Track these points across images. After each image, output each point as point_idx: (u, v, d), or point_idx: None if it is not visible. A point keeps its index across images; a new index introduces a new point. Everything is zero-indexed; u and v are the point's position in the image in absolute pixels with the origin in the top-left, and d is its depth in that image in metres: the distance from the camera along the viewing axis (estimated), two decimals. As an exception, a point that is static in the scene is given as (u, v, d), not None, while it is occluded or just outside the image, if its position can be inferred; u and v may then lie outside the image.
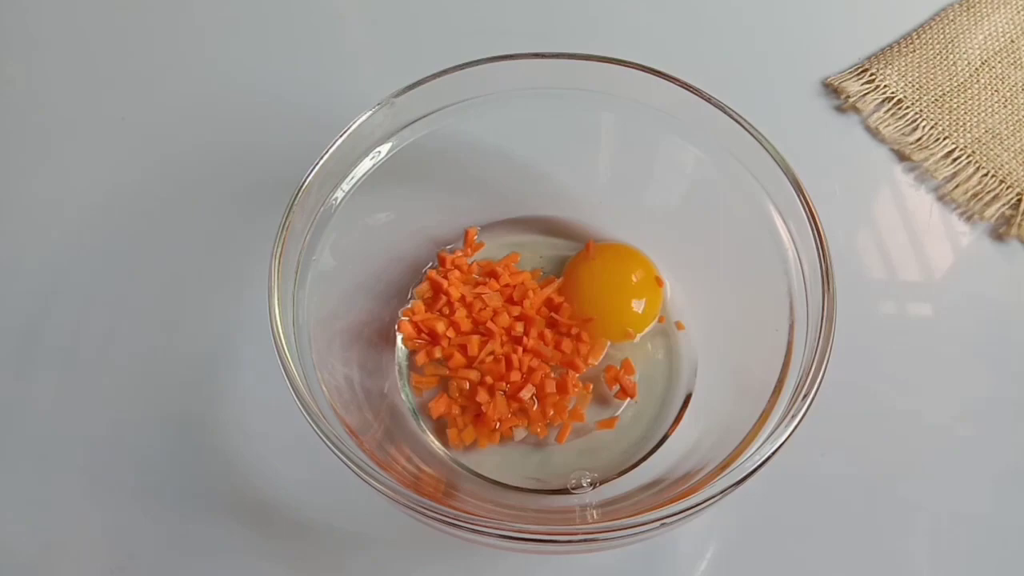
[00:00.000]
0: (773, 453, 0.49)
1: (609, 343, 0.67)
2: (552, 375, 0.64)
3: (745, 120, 0.58)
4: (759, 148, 0.57)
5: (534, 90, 0.62)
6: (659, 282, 0.68)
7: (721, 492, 0.48)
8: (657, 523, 0.47)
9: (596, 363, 0.66)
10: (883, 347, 0.70)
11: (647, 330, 0.68)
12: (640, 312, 0.67)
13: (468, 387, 0.64)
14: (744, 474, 0.48)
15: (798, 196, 0.55)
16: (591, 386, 0.65)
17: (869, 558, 0.63)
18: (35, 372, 0.68)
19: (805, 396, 0.50)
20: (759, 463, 0.48)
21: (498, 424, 0.63)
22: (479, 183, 0.68)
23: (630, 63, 0.59)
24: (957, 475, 0.66)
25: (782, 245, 0.57)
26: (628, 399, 0.65)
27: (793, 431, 0.49)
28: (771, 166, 0.57)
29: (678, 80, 0.59)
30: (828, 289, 0.53)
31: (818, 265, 0.53)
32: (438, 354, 0.65)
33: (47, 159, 0.79)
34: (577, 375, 0.65)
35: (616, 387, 0.65)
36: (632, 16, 0.85)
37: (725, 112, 0.58)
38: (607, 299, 0.67)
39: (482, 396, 0.63)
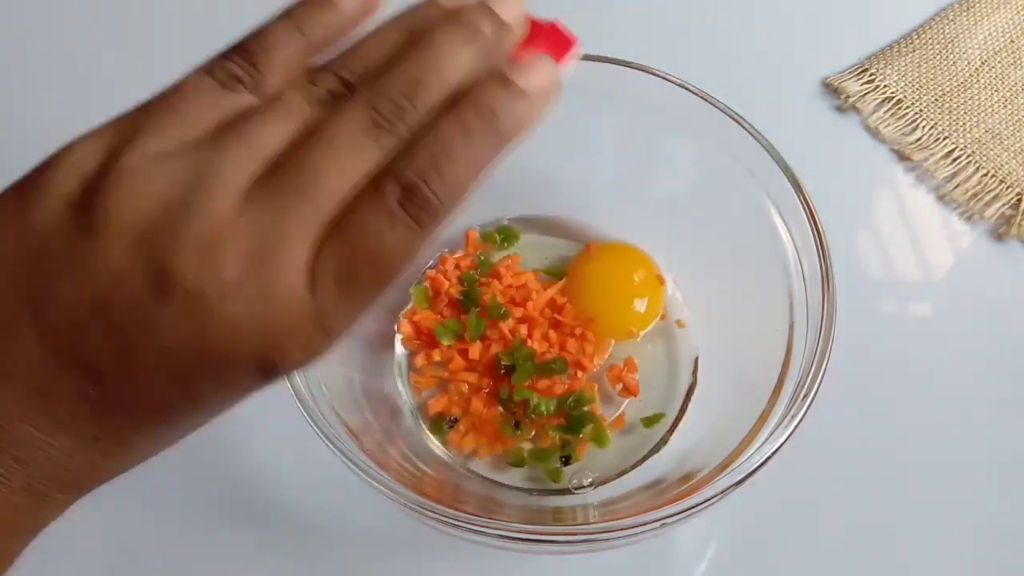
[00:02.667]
0: (772, 454, 0.49)
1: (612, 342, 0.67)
2: (560, 379, 0.64)
3: (745, 120, 0.58)
4: (759, 148, 0.57)
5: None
6: (660, 281, 0.68)
7: (720, 493, 0.48)
8: (657, 523, 0.47)
9: (602, 362, 0.66)
10: (883, 347, 0.70)
11: (648, 329, 0.68)
12: (642, 311, 0.67)
13: (467, 390, 0.64)
14: (743, 475, 0.48)
15: (798, 196, 0.55)
16: (596, 385, 0.65)
17: (869, 558, 0.63)
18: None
19: (805, 396, 0.50)
20: (758, 464, 0.49)
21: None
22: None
23: (630, 63, 0.59)
24: (957, 475, 0.66)
25: (782, 245, 0.57)
26: (628, 398, 0.65)
27: (792, 432, 0.49)
28: (771, 166, 0.57)
29: (678, 80, 0.59)
30: (828, 289, 0.53)
31: (818, 265, 0.54)
32: (437, 356, 0.65)
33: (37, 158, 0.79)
34: (586, 375, 0.65)
35: (619, 385, 0.65)
36: (632, 16, 0.85)
37: (725, 112, 0.58)
38: (610, 298, 0.67)
39: (475, 406, 0.63)
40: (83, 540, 0.61)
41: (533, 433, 0.63)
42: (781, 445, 0.49)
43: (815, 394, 0.50)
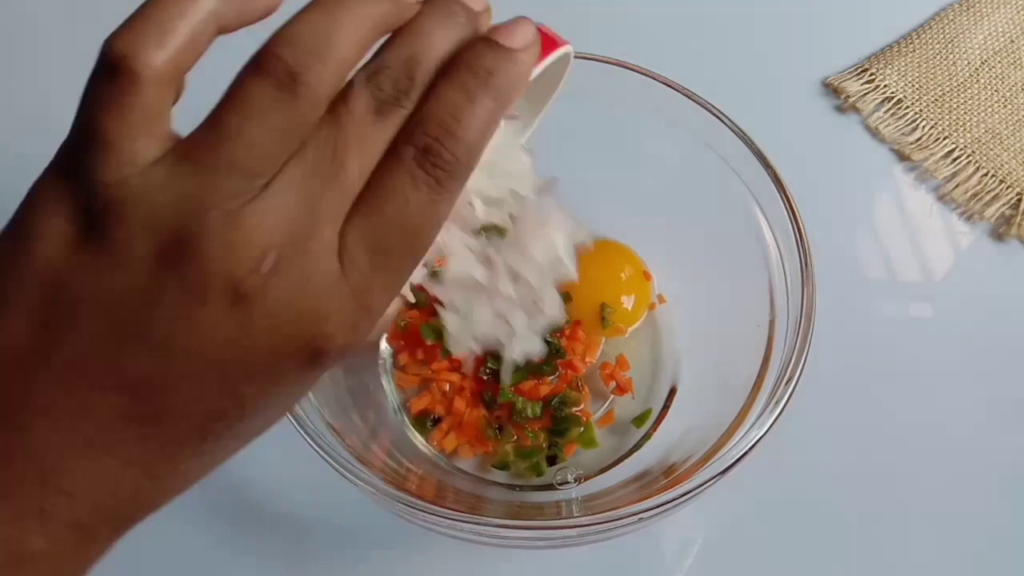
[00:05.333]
0: (751, 448, 0.49)
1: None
2: (548, 380, 0.64)
3: (725, 116, 0.58)
4: (741, 145, 0.57)
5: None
6: (647, 276, 0.68)
7: (701, 486, 0.48)
8: (635, 518, 0.47)
9: (594, 360, 0.66)
10: (883, 347, 0.70)
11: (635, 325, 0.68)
12: (630, 308, 0.67)
13: (450, 389, 0.64)
14: (723, 468, 0.48)
15: (779, 192, 0.55)
16: (585, 388, 0.65)
17: (870, 558, 0.63)
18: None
19: (784, 390, 0.50)
20: (738, 457, 0.49)
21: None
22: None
23: (610, 60, 0.59)
24: (955, 475, 0.66)
25: (764, 241, 0.57)
26: (623, 396, 0.65)
27: (772, 425, 0.49)
28: (753, 163, 0.57)
29: (661, 78, 0.59)
30: (808, 282, 0.53)
31: (798, 260, 0.53)
32: (420, 355, 0.65)
33: (31, 156, 0.79)
34: (577, 376, 0.65)
35: (612, 384, 0.65)
36: (632, 16, 0.85)
37: (708, 110, 0.58)
38: (599, 297, 0.67)
39: (458, 405, 0.63)
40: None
41: (515, 437, 0.63)
42: (760, 438, 0.49)
43: (794, 387, 0.50)
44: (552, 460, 0.62)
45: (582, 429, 0.63)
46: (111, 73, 0.30)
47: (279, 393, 0.33)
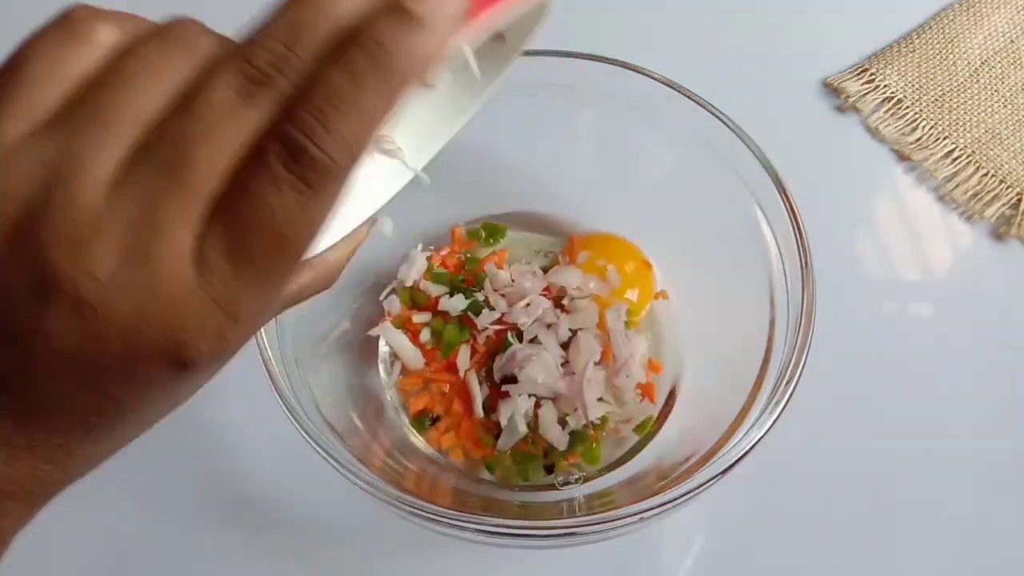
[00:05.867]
0: (751, 448, 0.49)
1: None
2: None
3: (725, 115, 0.58)
4: (741, 144, 0.57)
5: (515, 87, 0.62)
6: (648, 266, 0.68)
7: (701, 486, 0.48)
8: (635, 518, 0.47)
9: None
10: (883, 347, 0.70)
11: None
12: (635, 300, 0.67)
13: (448, 390, 0.63)
14: (721, 469, 0.48)
15: (779, 192, 0.55)
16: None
17: (869, 558, 0.63)
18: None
19: (784, 391, 0.50)
20: (737, 458, 0.49)
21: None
22: (460, 180, 0.67)
23: (608, 59, 0.59)
24: (955, 475, 0.66)
25: (763, 240, 0.57)
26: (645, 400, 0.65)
27: (771, 426, 0.49)
28: (753, 162, 0.57)
29: (660, 77, 0.59)
30: (807, 283, 0.53)
31: (798, 260, 0.53)
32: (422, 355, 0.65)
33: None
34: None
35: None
36: (632, 16, 0.85)
37: (707, 109, 0.58)
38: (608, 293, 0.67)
39: (456, 407, 0.63)
40: (77, 539, 0.62)
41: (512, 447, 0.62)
42: (760, 438, 0.49)
43: (794, 388, 0.50)
44: (550, 469, 0.62)
45: (592, 445, 0.62)
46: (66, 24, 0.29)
47: (156, 395, 0.31)
